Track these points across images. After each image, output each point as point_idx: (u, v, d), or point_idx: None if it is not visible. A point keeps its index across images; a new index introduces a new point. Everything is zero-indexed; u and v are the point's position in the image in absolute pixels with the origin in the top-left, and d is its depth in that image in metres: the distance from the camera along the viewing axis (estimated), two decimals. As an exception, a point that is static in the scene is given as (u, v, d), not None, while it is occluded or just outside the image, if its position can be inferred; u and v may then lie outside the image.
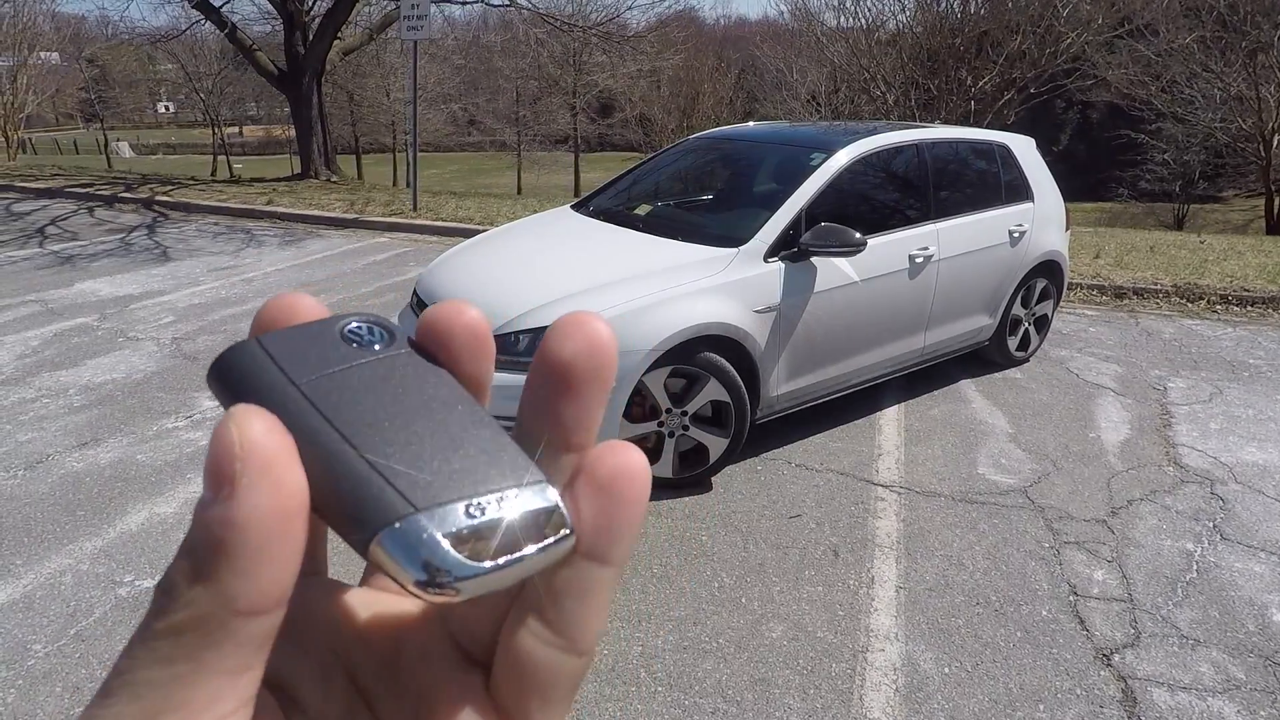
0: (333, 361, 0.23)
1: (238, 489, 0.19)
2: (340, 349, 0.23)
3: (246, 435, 0.19)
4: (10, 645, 2.32)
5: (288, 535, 0.19)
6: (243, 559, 0.19)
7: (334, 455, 0.21)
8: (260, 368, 0.22)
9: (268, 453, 0.19)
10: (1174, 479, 3.46)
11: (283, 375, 0.22)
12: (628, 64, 23.46)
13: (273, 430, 0.20)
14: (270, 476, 0.19)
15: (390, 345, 0.24)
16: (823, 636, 2.46)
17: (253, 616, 0.19)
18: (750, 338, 3.22)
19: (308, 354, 0.23)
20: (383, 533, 0.20)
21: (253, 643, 0.20)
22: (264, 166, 22.15)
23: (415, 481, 0.21)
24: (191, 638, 0.19)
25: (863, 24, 15.09)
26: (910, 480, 3.42)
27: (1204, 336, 5.39)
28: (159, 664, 0.19)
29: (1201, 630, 2.52)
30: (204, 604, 0.19)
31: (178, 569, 0.20)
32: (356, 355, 0.23)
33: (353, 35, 14.02)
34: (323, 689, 0.25)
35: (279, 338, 0.23)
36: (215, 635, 0.19)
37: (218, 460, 0.19)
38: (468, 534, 0.20)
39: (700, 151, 4.80)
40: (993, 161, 4.45)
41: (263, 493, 0.19)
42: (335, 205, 9.41)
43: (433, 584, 0.20)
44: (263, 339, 0.23)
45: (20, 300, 5.68)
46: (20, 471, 3.29)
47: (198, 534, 0.19)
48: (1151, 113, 17.95)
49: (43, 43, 24.93)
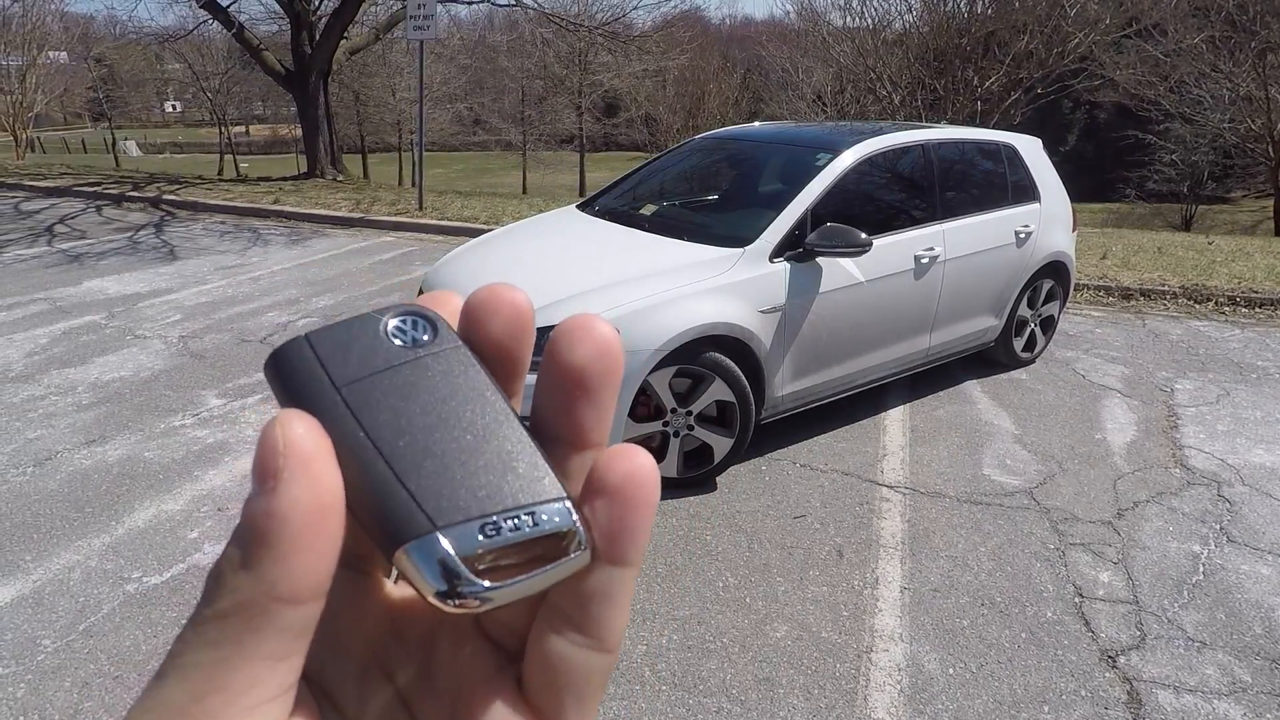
0: (373, 364, 0.24)
1: (280, 483, 0.21)
2: (382, 349, 0.24)
3: (289, 435, 0.21)
4: (20, 640, 2.34)
5: (324, 529, 0.21)
6: (282, 548, 0.20)
7: (366, 465, 0.22)
8: (307, 368, 0.24)
9: (307, 452, 0.21)
10: (1180, 481, 3.45)
11: (326, 377, 0.23)
12: (633, 64, 23.46)
13: (313, 431, 0.22)
14: (309, 473, 0.21)
15: (431, 340, 0.25)
16: (827, 637, 2.46)
17: (292, 605, 0.21)
18: (755, 338, 3.22)
19: (351, 354, 0.24)
20: (406, 546, 0.22)
21: (292, 630, 0.21)
22: (270, 165, 22.24)
23: (439, 498, 0.22)
24: (235, 623, 0.20)
25: (869, 24, 15.06)
26: (915, 481, 3.41)
27: (1211, 338, 5.37)
28: (206, 647, 0.20)
29: (1208, 633, 2.51)
30: (247, 590, 0.20)
31: (226, 558, 0.21)
32: (396, 356, 0.24)
33: (359, 35, 14.06)
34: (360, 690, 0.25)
35: (327, 336, 0.24)
36: (257, 621, 0.20)
37: (263, 457, 0.21)
38: (482, 552, 0.22)
39: (706, 151, 4.80)
40: (999, 162, 4.43)
41: (301, 487, 0.21)
42: (341, 204, 9.44)
43: (451, 596, 0.22)
44: (311, 337, 0.24)
45: (29, 298, 5.72)
46: (29, 468, 3.31)
47: (244, 524, 0.21)
48: (1159, 113, 17.87)
49: (51, 42, 25.07)
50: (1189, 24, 14.45)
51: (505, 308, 0.26)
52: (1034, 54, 13.33)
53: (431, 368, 0.24)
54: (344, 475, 0.22)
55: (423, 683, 0.26)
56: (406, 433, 0.23)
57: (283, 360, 0.24)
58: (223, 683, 0.20)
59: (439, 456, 0.23)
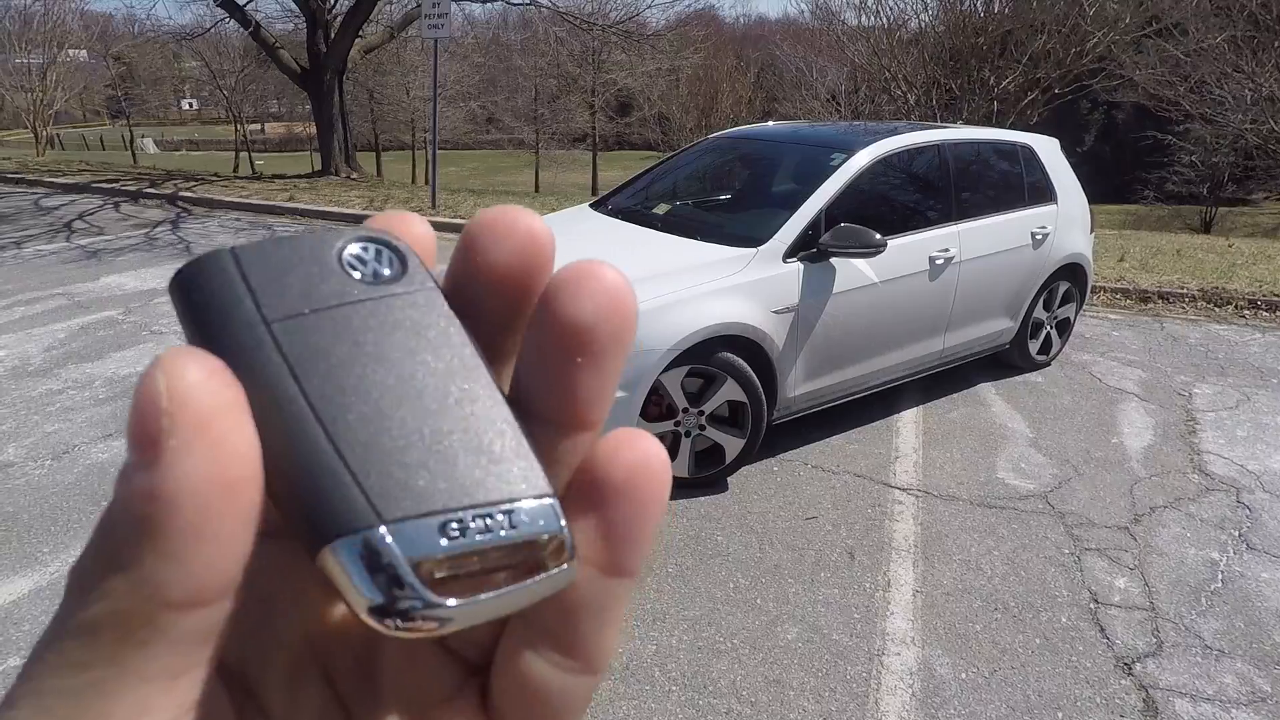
0: (320, 296, 0.18)
1: (163, 452, 0.15)
2: (334, 278, 0.18)
3: (178, 384, 0.15)
4: (38, 631, 2.37)
5: (232, 510, 0.15)
6: (172, 541, 0.15)
7: (294, 429, 0.17)
8: (230, 291, 0.17)
9: (205, 407, 0.15)
10: (1199, 486, 3.40)
11: (254, 306, 0.17)
12: (647, 63, 23.46)
13: (214, 377, 0.15)
14: (208, 436, 0.15)
15: (398, 276, 0.19)
16: (838, 639, 2.45)
17: (189, 610, 0.15)
18: (768, 338, 3.21)
19: (291, 280, 0.18)
20: (336, 542, 0.16)
21: (190, 640, 0.16)
22: (285, 163, 22.40)
23: (389, 481, 0.17)
24: (110, 637, 0.15)
25: (884, 23, 14.97)
26: (928, 483, 3.39)
27: (1231, 342, 5.29)
28: (70, 669, 0.15)
29: (1226, 641, 2.47)
30: (124, 596, 0.15)
31: (91, 552, 0.16)
32: (352, 290, 0.18)
33: (374, 33, 14.13)
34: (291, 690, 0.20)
35: (262, 252, 0.18)
36: (140, 635, 0.15)
37: (141, 415, 0.15)
38: (441, 559, 0.16)
39: (719, 151, 4.79)
40: (1016, 163, 4.39)
41: (197, 457, 0.15)
42: (355, 202, 9.49)
43: (388, 614, 0.16)
44: (239, 251, 0.18)
45: (48, 293, 5.79)
46: (47, 461, 3.35)
47: (116, 510, 0.16)
48: (1179, 114, 17.64)
49: (71, 40, 25.41)
50: (1211, 23, 14.25)
51: (519, 232, 0.20)
52: (1051, 53, 13.19)
53: (395, 311, 0.18)
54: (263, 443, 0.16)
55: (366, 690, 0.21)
56: (353, 392, 0.17)
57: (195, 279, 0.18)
58: (98, 713, 0.15)
59: (394, 427, 0.17)
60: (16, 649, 2.30)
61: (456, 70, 27.25)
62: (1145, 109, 19.28)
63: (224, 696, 0.18)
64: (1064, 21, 12.97)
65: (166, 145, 44.65)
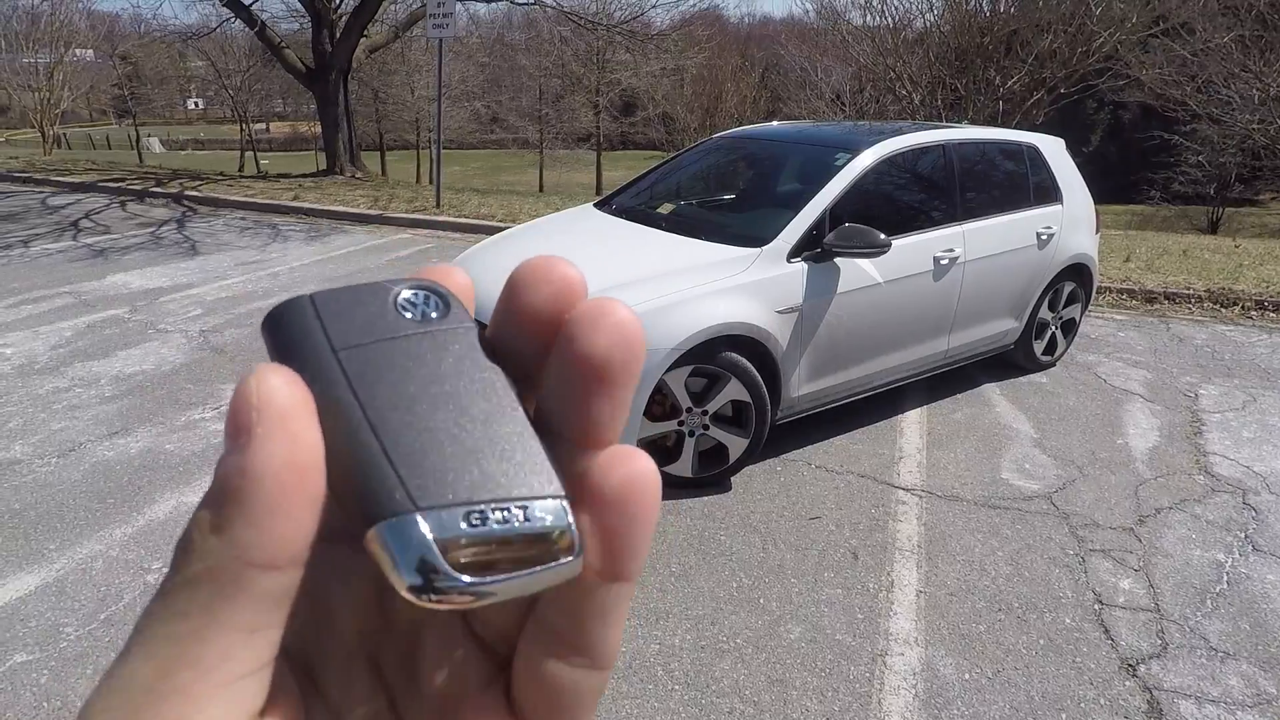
0: (378, 331, 0.22)
1: (253, 439, 0.19)
2: (389, 318, 0.23)
3: (264, 388, 0.19)
4: (44, 628, 2.38)
5: (301, 489, 0.19)
6: (255, 509, 0.19)
7: (351, 432, 0.20)
8: (306, 326, 0.22)
9: (284, 406, 0.19)
10: (1204, 488, 3.39)
11: (325, 338, 0.22)
12: (651, 62, 23.44)
13: (291, 385, 0.20)
14: (285, 429, 0.19)
15: (442, 316, 0.23)
16: (841, 639, 2.45)
17: (267, 570, 0.19)
18: (772, 338, 3.21)
19: (355, 318, 0.22)
20: (380, 525, 0.19)
21: (268, 599, 0.19)
22: (290, 162, 22.46)
23: (424, 475, 0.20)
24: (206, 590, 0.19)
25: (889, 22, 14.93)
26: (932, 484, 3.38)
27: (1237, 343, 5.27)
28: (174, 619, 0.19)
29: (1231, 643, 2.46)
30: (218, 555, 0.19)
31: (195, 522, 0.19)
32: (404, 327, 0.22)
33: (379, 33, 14.15)
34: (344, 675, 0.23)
35: (332, 297, 0.23)
36: (228, 589, 0.19)
37: (236, 411, 0.19)
38: (465, 542, 0.20)
39: (723, 151, 4.78)
40: (1021, 163, 4.38)
41: (277, 443, 0.19)
42: (360, 201, 9.51)
43: (422, 589, 0.19)
44: (315, 296, 0.23)
45: (55, 292, 5.82)
46: (53, 459, 3.37)
47: (215, 484, 0.19)
48: (1186, 114, 17.56)
49: (78, 40, 25.49)
50: (1218, 23, 14.17)
51: (556, 279, 0.23)
52: (1057, 53, 13.14)
53: (438, 344, 0.22)
54: (326, 442, 0.20)
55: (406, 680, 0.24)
56: (400, 406, 0.21)
57: (280, 318, 0.22)
58: (193, 656, 0.19)
59: (431, 434, 0.21)
60: (23, 645, 2.31)
61: (461, 70, 27.29)
62: (1152, 109, 19.20)
63: (290, 675, 0.22)
64: (1070, 21, 12.92)
65: (172, 145, 44.81)
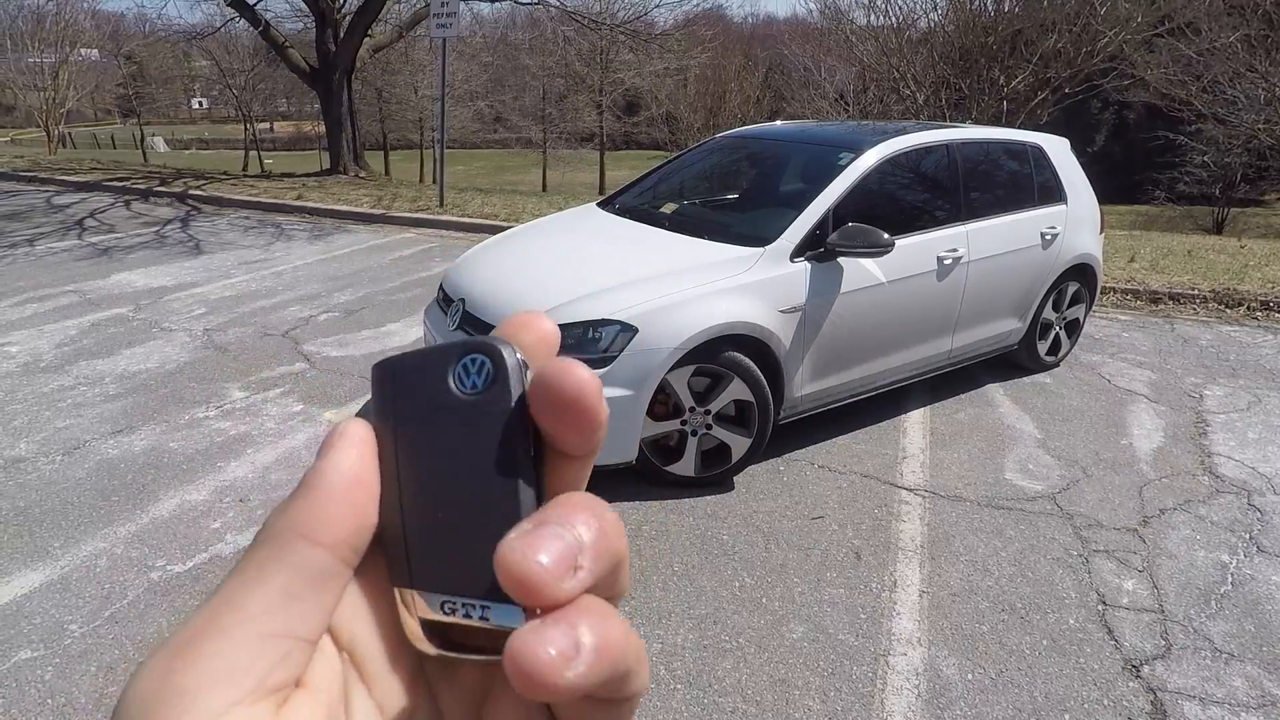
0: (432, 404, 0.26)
1: (330, 449, 0.25)
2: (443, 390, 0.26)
3: (349, 427, 0.26)
4: (48, 625, 2.39)
5: (347, 494, 0.25)
6: (314, 494, 0.24)
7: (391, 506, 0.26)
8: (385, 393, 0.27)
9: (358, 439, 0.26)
10: (1209, 489, 3.38)
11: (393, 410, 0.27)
12: (654, 62, 23.44)
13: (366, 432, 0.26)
14: (352, 452, 0.25)
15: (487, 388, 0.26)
16: (844, 639, 2.44)
17: (310, 543, 0.24)
18: (775, 337, 3.21)
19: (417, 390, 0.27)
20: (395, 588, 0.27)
21: (306, 570, 0.24)
22: (294, 162, 22.51)
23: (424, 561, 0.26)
24: (261, 551, 0.24)
25: (893, 22, 14.89)
26: (935, 484, 3.37)
27: (1243, 343, 5.25)
28: (233, 575, 0.24)
29: (1236, 644, 2.45)
30: (277, 524, 0.24)
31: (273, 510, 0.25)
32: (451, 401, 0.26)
33: (382, 33, 14.17)
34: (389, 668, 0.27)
35: (407, 364, 0.27)
36: (278, 550, 0.24)
37: (326, 436, 0.26)
38: (434, 623, 0.26)
39: (726, 150, 4.78)
40: (1025, 162, 4.37)
41: (344, 458, 0.25)
42: (363, 201, 9.53)
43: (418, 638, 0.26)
44: (397, 361, 0.28)
45: (60, 290, 5.84)
46: (58, 457, 3.38)
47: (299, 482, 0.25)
48: (1191, 113, 17.49)
49: (83, 40, 25.57)
50: (1224, 22, 14.12)
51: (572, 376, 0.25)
52: (1062, 53, 13.09)
53: (472, 423, 0.26)
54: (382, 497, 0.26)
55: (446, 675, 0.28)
56: (426, 486, 0.26)
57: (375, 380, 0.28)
58: (239, 601, 0.23)
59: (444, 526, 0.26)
60: (27, 642, 2.32)
61: (464, 69, 27.29)
62: (1157, 109, 19.13)
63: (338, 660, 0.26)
64: (1075, 20, 12.88)
65: (176, 144, 44.92)
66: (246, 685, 0.22)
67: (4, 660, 2.25)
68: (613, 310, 2.99)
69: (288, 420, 3.78)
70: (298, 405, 3.94)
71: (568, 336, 2.99)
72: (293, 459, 3.41)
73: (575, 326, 2.98)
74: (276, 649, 0.23)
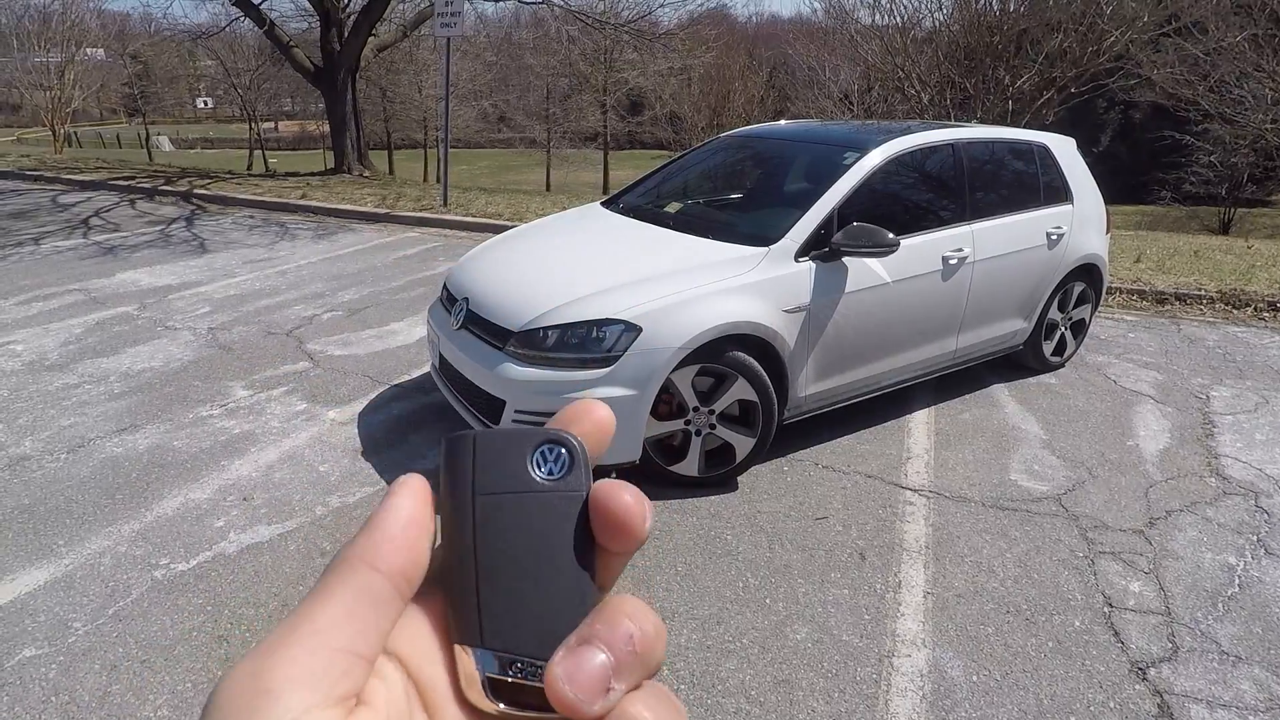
0: (508, 483, 0.30)
1: (396, 494, 0.29)
2: (521, 472, 0.30)
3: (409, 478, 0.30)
4: (52, 623, 2.39)
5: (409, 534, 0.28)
6: (378, 530, 0.28)
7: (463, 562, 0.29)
8: (462, 466, 0.30)
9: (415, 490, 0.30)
10: (1216, 490, 3.36)
11: (471, 479, 0.30)
12: (659, 62, 23.42)
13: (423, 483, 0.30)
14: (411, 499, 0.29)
15: (563, 475, 0.30)
16: (848, 640, 2.43)
17: (369, 569, 0.27)
18: (779, 337, 3.20)
19: (496, 466, 0.30)
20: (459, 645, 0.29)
21: (366, 593, 0.27)
22: (299, 161, 22.54)
23: (496, 622, 0.28)
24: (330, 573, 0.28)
25: (898, 22, 14.85)
26: (940, 485, 3.36)
27: (1250, 344, 5.22)
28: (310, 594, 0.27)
29: (1243, 646, 2.44)
30: (346, 551, 0.28)
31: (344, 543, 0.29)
32: (529, 484, 0.30)
33: (387, 32, 14.18)
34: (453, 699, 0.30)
35: (488, 442, 0.30)
36: (343, 572, 0.27)
37: (395, 484, 0.30)
38: (496, 682, 0.28)
39: (731, 150, 4.77)
40: (1031, 162, 4.35)
41: (407, 502, 0.29)
42: (367, 200, 9.54)
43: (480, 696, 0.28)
44: (475, 437, 0.30)
45: (65, 289, 5.86)
46: (63, 455, 3.39)
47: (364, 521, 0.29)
48: (1198, 113, 17.41)
49: (89, 39, 25.64)
50: (1231, 21, 14.04)
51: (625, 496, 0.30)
52: (1068, 52, 13.04)
53: (549, 506, 0.29)
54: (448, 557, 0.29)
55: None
56: (503, 555, 0.29)
57: (451, 448, 0.30)
58: (312, 615, 0.26)
59: (512, 593, 0.29)
60: (31, 640, 2.32)
61: (469, 69, 27.29)
62: (1163, 108, 19.06)
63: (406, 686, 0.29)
64: (1081, 20, 12.82)
65: (181, 143, 45.04)
66: (321, 691, 0.25)
67: (8, 658, 2.25)
68: (617, 310, 2.99)
69: (291, 419, 3.78)
70: (301, 404, 3.95)
71: (571, 336, 2.98)
72: (296, 457, 3.42)
73: (579, 326, 2.97)
74: (342, 662, 0.26)
